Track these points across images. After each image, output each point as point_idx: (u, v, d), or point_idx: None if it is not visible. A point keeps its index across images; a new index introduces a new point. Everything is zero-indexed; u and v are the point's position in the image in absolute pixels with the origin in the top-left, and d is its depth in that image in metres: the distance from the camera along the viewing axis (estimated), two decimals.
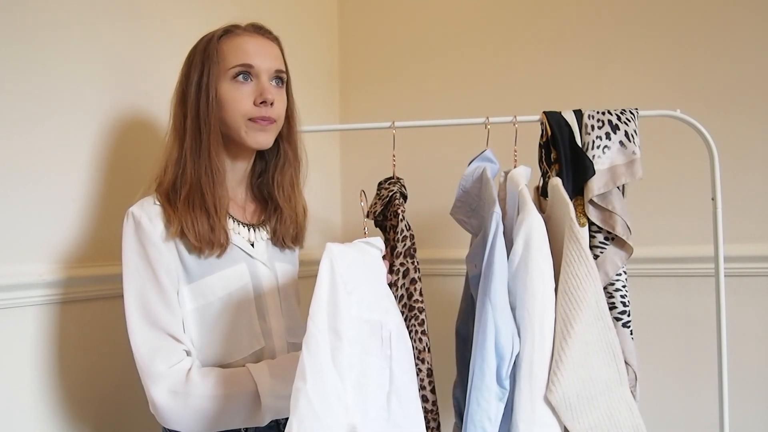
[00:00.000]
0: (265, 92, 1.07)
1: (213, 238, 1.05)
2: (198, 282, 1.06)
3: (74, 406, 1.20)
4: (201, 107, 1.06)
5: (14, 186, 1.10)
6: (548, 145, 1.25)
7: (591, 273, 1.02)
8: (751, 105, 1.58)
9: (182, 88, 1.09)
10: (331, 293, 0.89)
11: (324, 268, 0.89)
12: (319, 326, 0.87)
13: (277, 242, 1.18)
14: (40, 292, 1.13)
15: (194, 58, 1.09)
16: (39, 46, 1.14)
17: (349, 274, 0.91)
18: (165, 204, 1.05)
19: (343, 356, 0.88)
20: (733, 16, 1.59)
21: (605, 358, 1.02)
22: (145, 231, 1.02)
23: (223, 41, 1.08)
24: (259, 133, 1.09)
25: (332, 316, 0.88)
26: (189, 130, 1.06)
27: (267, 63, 1.09)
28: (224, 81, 1.07)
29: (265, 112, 1.08)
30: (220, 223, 1.06)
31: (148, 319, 1.01)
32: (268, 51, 1.11)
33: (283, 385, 1.01)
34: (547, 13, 1.80)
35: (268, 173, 1.19)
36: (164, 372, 0.98)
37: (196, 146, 1.06)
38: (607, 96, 1.69)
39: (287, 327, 1.15)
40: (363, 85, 2.06)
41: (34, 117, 1.13)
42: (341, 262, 0.91)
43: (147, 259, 1.02)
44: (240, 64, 1.07)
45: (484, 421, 0.97)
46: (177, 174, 1.06)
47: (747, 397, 1.55)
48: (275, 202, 1.18)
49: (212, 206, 1.06)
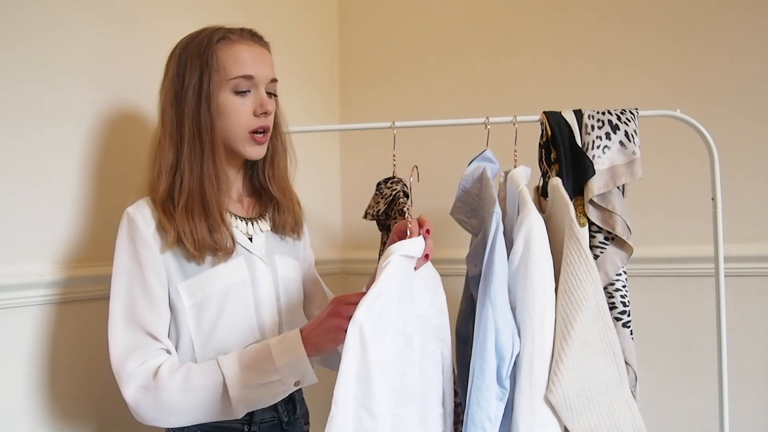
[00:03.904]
0: (265, 104, 1.10)
1: (215, 244, 1.05)
2: (195, 277, 1.06)
3: (73, 406, 1.20)
4: (202, 116, 1.06)
5: (13, 186, 1.10)
6: (548, 145, 1.25)
7: (591, 273, 1.02)
8: (751, 105, 1.58)
9: (174, 89, 1.08)
10: (362, 371, 0.85)
11: (350, 345, 0.84)
12: (343, 408, 0.83)
13: (277, 232, 1.19)
14: (39, 292, 1.13)
15: (189, 61, 1.07)
16: (38, 48, 1.14)
17: (381, 325, 0.88)
18: (160, 212, 1.05)
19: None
20: (733, 16, 1.59)
21: (605, 358, 1.02)
22: (139, 230, 1.03)
23: (221, 48, 1.08)
24: (257, 147, 1.12)
25: (365, 394, 0.84)
26: (187, 138, 1.06)
27: (264, 72, 1.11)
28: (225, 91, 1.07)
29: (263, 122, 1.11)
30: (223, 228, 1.07)
31: (130, 319, 1.02)
32: (265, 59, 1.12)
33: (252, 374, 1.01)
34: (547, 13, 1.80)
35: (258, 167, 1.20)
36: (134, 370, 1.00)
37: (195, 154, 1.06)
38: (607, 96, 1.69)
39: (286, 321, 1.15)
40: (363, 85, 2.06)
41: (32, 118, 1.13)
42: (368, 325, 0.86)
43: (137, 259, 1.03)
44: (241, 75, 1.07)
45: (484, 421, 0.97)
46: (173, 181, 1.06)
47: (747, 397, 1.54)
48: (270, 193, 1.19)
49: (216, 213, 1.06)
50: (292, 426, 1.17)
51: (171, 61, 1.10)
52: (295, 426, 1.18)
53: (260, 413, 1.10)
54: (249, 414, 1.09)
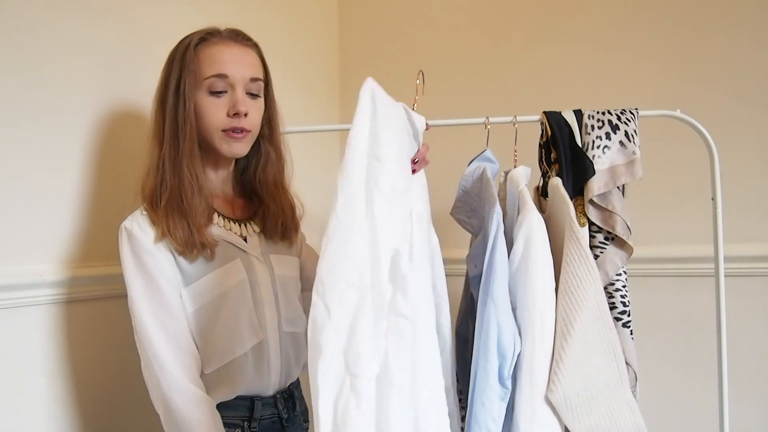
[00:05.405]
0: (238, 104, 1.09)
1: (193, 243, 1.06)
2: (196, 283, 1.07)
3: (75, 406, 1.20)
4: (179, 116, 1.07)
5: (14, 186, 1.10)
6: (548, 145, 1.25)
7: (591, 273, 1.02)
8: (751, 105, 1.58)
9: (161, 91, 1.10)
10: (373, 125, 0.89)
11: (364, 101, 0.89)
12: (357, 151, 0.87)
13: (268, 237, 1.19)
14: (41, 292, 1.13)
15: (173, 63, 1.10)
16: (37, 48, 1.14)
17: (390, 124, 0.91)
18: (149, 209, 1.07)
19: (383, 176, 0.87)
20: (732, 16, 1.59)
21: (605, 358, 1.02)
22: (138, 240, 1.04)
23: (200, 49, 1.09)
24: (233, 144, 1.11)
25: (374, 144, 0.88)
26: (167, 137, 1.08)
27: (242, 72, 1.10)
28: (200, 91, 1.08)
29: (237, 123, 1.10)
30: (199, 229, 1.07)
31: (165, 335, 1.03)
32: (244, 59, 1.12)
33: None
34: (547, 13, 1.80)
35: (250, 171, 1.20)
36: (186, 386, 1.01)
37: (173, 153, 1.08)
38: (607, 96, 1.69)
39: (285, 318, 1.16)
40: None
41: (33, 117, 1.13)
42: (381, 99, 0.91)
43: (146, 269, 1.03)
44: (215, 74, 1.08)
45: (488, 421, 0.97)
46: (157, 180, 1.08)
47: (747, 397, 1.54)
48: (260, 198, 1.20)
49: (194, 212, 1.07)
50: (292, 423, 1.17)
51: (164, 65, 1.13)
52: (294, 423, 1.18)
53: (260, 410, 1.11)
54: (249, 411, 1.10)
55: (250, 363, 1.10)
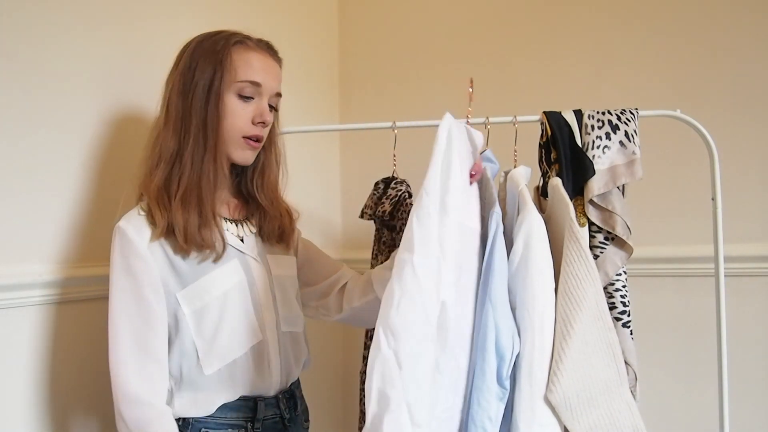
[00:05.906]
0: (264, 114, 1.11)
1: (202, 241, 1.05)
2: (193, 285, 1.06)
3: (72, 406, 1.20)
4: (210, 113, 1.06)
5: (12, 186, 1.10)
6: (548, 145, 1.25)
7: (591, 273, 1.02)
8: (751, 105, 1.57)
9: (184, 80, 1.08)
10: (445, 165, 0.91)
11: (441, 137, 0.93)
12: (432, 198, 0.89)
13: (265, 238, 1.19)
14: (38, 292, 1.13)
15: (203, 57, 1.08)
16: (37, 48, 1.14)
17: (461, 160, 0.95)
18: (152, 202, 1.04)
19: (448, 232, 0.91)
20: (733, 16, 1.59)
21: (605, 358, 1.02)
22: (132, 243, 1.02)
23: (236, 50, 1.09)
24: (247, 151, 1.13)
25: (444, 190, 0.91)
26: (192, 132, 1.06)
27: (271, 84, 1.12)
28: (230, 92, 1.08)
29: (259, 131, 1.12)
30: (213, 227, 1.07)
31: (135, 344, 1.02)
32: (275, 72, 1.13)
33: None
34: (547, 13, 1.80)
35: (247, 175, 1.20)
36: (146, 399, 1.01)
37: (199, 149, 1.06)
38: (607, 96, 1.69)
39: (283, 318, 1.16)
40: (363, 85, 2.06)
41: (32, 118, 1.13)
42: (457, 139, 0.94)
43: (133, 274, 1.02)
44: (249, 80, 1.08)
45: (485, 421, 0.97)
46: (172, 172, 1.06)
47: (747, 397, 1.54)
48: (257, 202, 1.19)
49: (208, 210, 1.06)
50: (293, 423, 1.18)
51: (184, 54, 1.10)
52: (296, 423, 1.19)
53: (263, 410, 1.11)
54: (252, 411, 1.10)
55: (251, 363, 1.10)
